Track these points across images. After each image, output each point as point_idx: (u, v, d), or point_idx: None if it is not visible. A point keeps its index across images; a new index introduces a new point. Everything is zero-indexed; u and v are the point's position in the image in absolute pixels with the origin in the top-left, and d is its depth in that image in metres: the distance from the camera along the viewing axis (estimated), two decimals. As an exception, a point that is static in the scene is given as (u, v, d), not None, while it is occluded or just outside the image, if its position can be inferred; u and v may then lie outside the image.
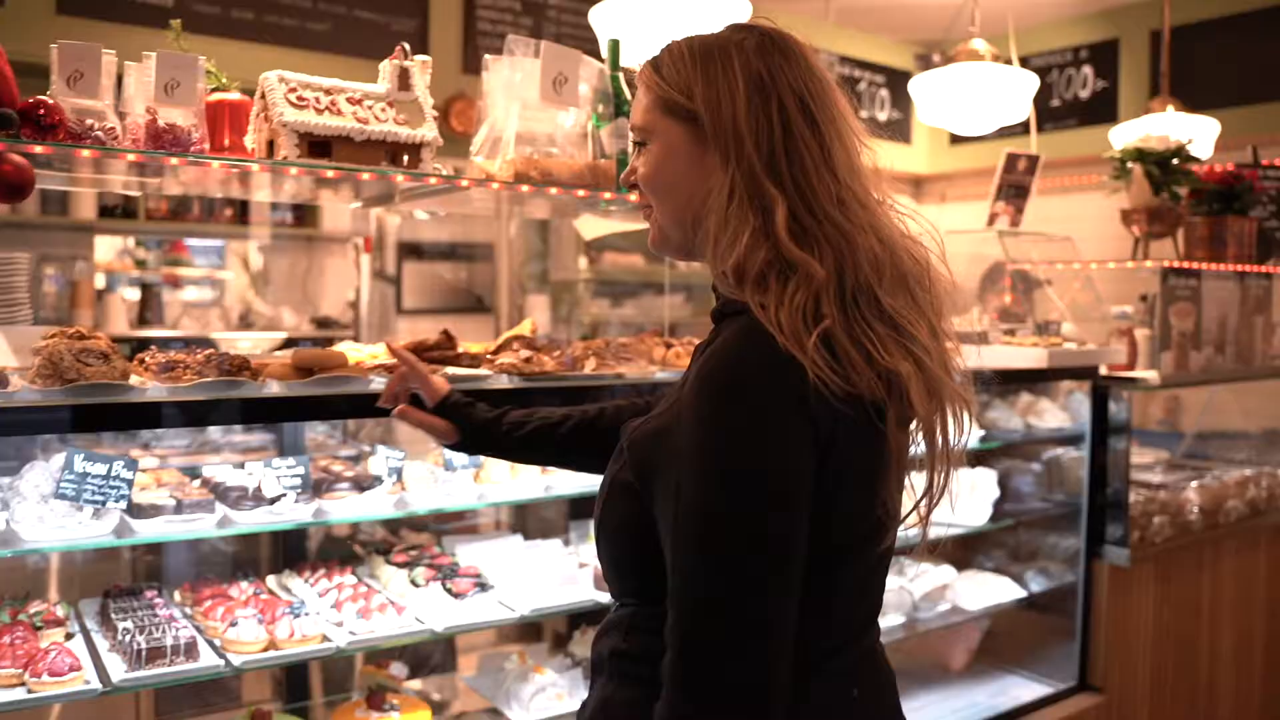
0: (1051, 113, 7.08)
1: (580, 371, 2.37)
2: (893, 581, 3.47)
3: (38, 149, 1.74)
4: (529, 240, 6.18)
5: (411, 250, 6.06)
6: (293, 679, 3.02)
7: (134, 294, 5.46)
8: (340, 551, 3.38)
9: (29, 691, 2.02)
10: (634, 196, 2.31)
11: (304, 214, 5.53)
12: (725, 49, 1.26)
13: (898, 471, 1.24)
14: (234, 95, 2.24)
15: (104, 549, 3.00)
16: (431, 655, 3.77)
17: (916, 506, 1.28)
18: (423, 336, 2.53)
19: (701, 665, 1.12)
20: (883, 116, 7.78)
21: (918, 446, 1.25)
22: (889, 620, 3.42)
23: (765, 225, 1.20)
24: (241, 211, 5.39)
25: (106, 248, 5.53)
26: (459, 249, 6.23)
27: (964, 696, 3.73)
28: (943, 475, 1.27)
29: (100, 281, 5.37)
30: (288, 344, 5.14)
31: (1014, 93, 4.22)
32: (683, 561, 1.15)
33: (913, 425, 1.24)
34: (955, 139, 7.71)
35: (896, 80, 7.79)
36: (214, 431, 3.67)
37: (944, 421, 1.25)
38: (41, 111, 1.75)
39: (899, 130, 7.90)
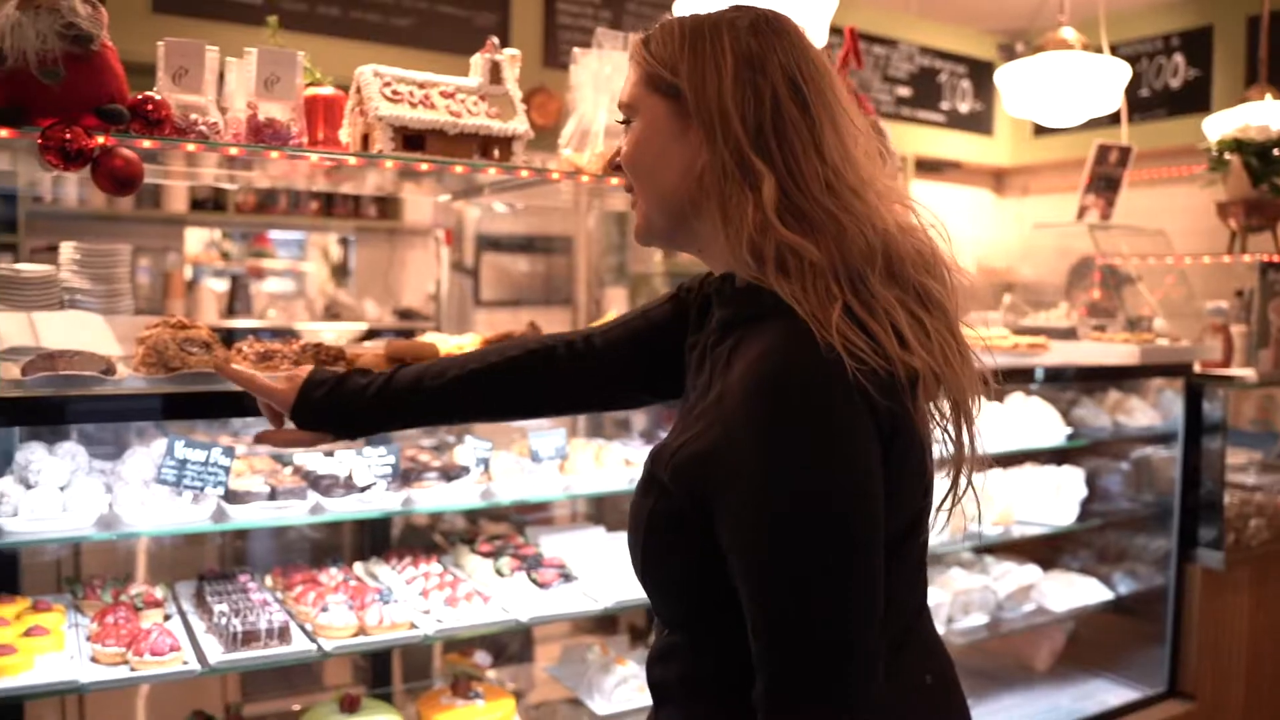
0: (1140, 103, 6.90)
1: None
2: (976, 580, 3.42)
3: (146, 143, 1.79)
4: (607, 233, 6.19)
5: (490, 243, 6.11)
6: (373, 664, 3.07)
7: (222, 285, 5.60)
8: (420, 540, 3.42)
9: (131, 670, 2.08)
10: (619, 181, 2.26)
11: (387, 207, 5.60)
12: (716, 26, 1.21)
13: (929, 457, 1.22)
14: (327, 90, 2.28)
15: (193, 534, 3.09)
16: (508, 645, 3.81)
17: (943, 502, 1.24)
18: (504, 329, 2.55)
19: (797, 692, 1.08)
20: (964, 108, 7.65)
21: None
22: (972, 620, 3.38)
23: (761, 203, 1.16)
24: (326, 204, 5.49)
25: (193, 240, 5.66)
26: (537, 242, 6.27)
27: (1047, 699, 3.66)
28: (965, 471, 1.22)
29: (188, 273, 5.51)
30: (369, 335, 5.22)
31: (1105, 82, 4.12)
32: (763, 587, 1.09)
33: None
34: (1039, 130, 7.55)
35: (979, 71, 7.66)
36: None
37: (963, 414, 1.20)
38: (150, 107, 1.80)
39: (980, 122, 7.77)
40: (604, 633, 4.23)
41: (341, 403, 1.61)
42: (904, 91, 7.28)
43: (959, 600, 3.36)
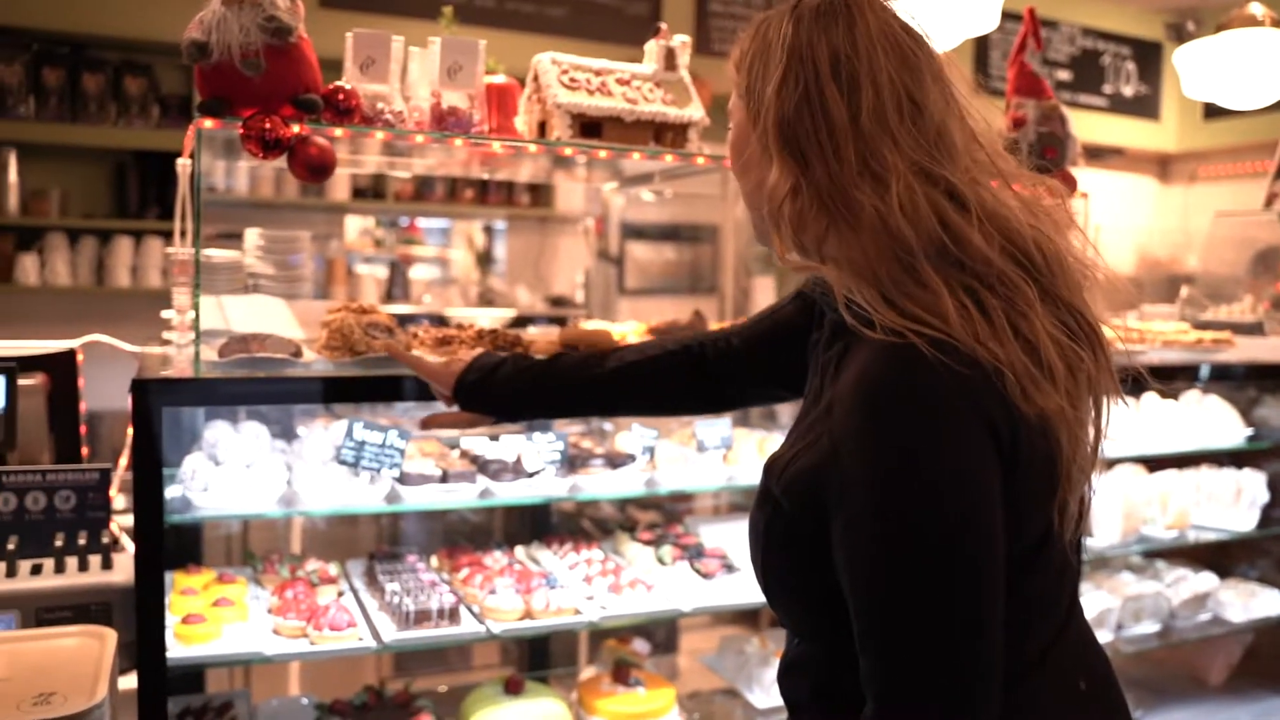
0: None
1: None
2: (1149, 586, 3.27)
3: (338, 132, 1.83)
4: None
5: (634, 231, 6.12)
6: (521, 648, 3.11)
7: (382, 271, 5.76)
8: (570, 525, 3.46)
9: (311, 643, 2.15)
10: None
11: (539, 194, 5.66)
12: (780, 20, 1.19)
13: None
14: (499, 79, 2.30)
15: (356, 513, 3.18)
16: (655, 633, 3.82)
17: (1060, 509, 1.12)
18: (649, 317, 2.54)
19: (906, 714, 1.04)
20: (1128, 91, 7.31)
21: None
22: (1143, 627, 3.23)
23: (803, 197, 1.14)
24: (481, 192, 5.58)
25: (349, 228, 5.83)
26: (681, 230, 6.26)
27: (1222, 714, 3.47)
28: (1078, 478, 1.12)
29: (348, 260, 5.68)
30: (518, 321, 5.29)
31: (1296, 61, 3.86)
32: (869, 601, 1.06)
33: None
34: (1210, 114, 7.15)
35: (1144, 52, 7.31)
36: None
37: (1075, 417, 1.10)
38: (341, 97, 1.84)
39: (1145, 106, 7.41)
40: (746, 624, 4.21)
41: (499, 387, 1.68)
42: (1064, 75, 6.99)
43: (1130, 606, 3.21)
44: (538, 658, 3.05)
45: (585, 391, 1.68)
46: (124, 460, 2.48)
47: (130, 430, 1.91)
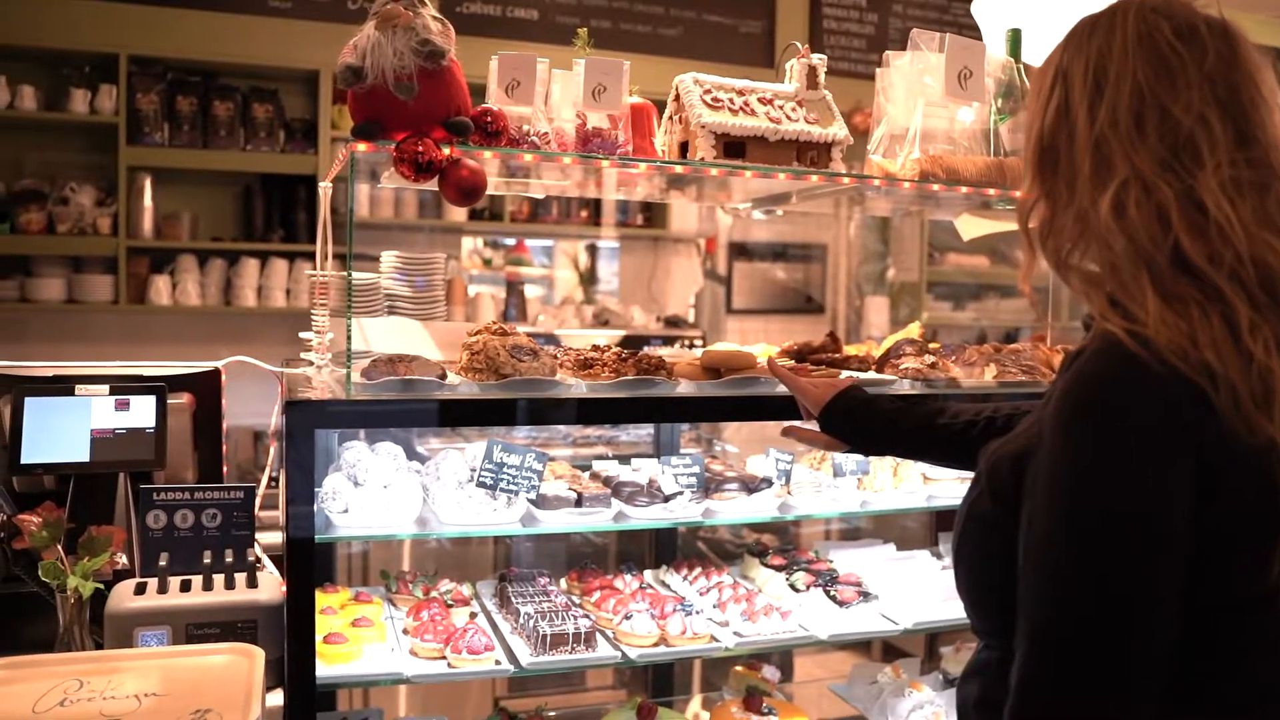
0: None
1: (981, 380, 2.25)
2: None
3: (486, 154, 1.84)
4: (866, 240, 6.04)
5: (740, 250, 6.08)
6: (636, 671, 3.06)
7: (496, 291, 5.79)
8: (688, 548, 3.41)
9: (449, 666, 2.15)
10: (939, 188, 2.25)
11: (653, 213, 5.64)
12: (1061, 42, 1.22)
13: None
14: (634, 99, 2.29)
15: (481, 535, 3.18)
16: (769, 658, 3.75)
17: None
18: (757, 338, 2.50)
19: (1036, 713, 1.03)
20: (1259, 103, 7.03)
21: None
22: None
23: (1047, 208, 1.18)
24: (594, 211, 5.58)
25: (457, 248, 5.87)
26: (790, 249, 6.19)
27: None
28: None
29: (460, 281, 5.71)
30: (627, 341, 5.27)
31: None
32: (1028, 602, 1.06)
33: None
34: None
35: (1272, 62, 7.01)
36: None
37: None
38: (488, 119, 1.85)
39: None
40: (861, 652, 4.10)
41: (863, 418, 1.78)
42: (1189, 87, 6.76)
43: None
44: (657, 681, 3.01)
45: (937, 442, 1.73)
46: (265, 479, 2.53)
47: (272, 449, 1.94)
